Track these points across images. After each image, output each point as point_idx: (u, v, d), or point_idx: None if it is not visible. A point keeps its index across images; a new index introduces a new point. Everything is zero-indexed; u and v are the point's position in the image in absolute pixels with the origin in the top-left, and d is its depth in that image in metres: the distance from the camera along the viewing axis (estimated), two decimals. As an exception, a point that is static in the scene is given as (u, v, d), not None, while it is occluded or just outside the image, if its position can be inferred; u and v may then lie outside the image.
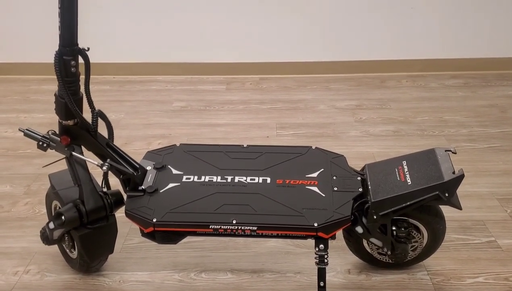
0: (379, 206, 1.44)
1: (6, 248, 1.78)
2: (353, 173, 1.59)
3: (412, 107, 2.82)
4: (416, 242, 1.55)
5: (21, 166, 2.28)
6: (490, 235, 1.80)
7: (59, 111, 1.44)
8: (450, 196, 1.42)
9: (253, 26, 3.21)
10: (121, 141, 2.40)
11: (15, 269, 1.68)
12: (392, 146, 2.42)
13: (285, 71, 3.28)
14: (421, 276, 1.62)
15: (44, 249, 1.70)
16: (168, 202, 1.49)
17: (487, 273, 1.64)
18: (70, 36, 1.34)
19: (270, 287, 1.60)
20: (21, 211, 1.97)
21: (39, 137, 1.49)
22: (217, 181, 1.57)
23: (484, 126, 2.60)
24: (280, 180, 1.57)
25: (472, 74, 3.22)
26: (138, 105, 2.90)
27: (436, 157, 1.51)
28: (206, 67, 3.27)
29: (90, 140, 1.49)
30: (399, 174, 1.50)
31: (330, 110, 2.82)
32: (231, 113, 2.80)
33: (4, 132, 2.59)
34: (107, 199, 1.52)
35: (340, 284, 1.60)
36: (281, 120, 2.70)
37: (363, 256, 1.63)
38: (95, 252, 1.55)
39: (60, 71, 1.36)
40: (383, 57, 3.24)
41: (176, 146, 1.73)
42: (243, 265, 1.69)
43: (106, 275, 1.65)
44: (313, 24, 3.20)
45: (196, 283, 1.62)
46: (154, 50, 3.25)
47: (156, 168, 1.62)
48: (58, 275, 1.65)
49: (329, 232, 1.43)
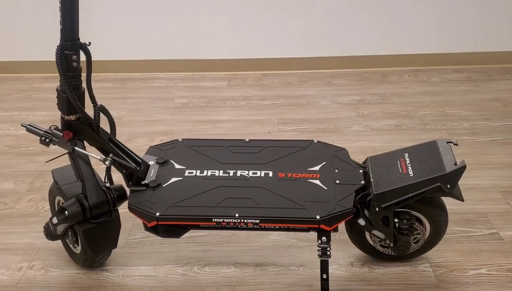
0: (381, 198, 1.44)
1: (10, 244, 1.79)
2: (355, 166, 1.59)
3: (414, 101, 2.82)
4: (418, 234, 1.55)
5: (24, 163, 2.29)
6: (493, 227, 1.80)
7: (61, 106, 1.45)
8: (452, 188, 1.42)
9: (254, 22, 3.21)
10: (123, 138, 2.40)
11: (19, 265, 1.69)
12: (394, 140, 2.42)
13: (287, 67, 3.27)
14: (424, 268, 1.62)
15: (48, 245, 1.71)
16: (171, 196, 1.50)
17: (490, 265, 1.64)
18: (71, 30, 1.35)
19: (273, 280, 1.60)
20: (25, 208, 1.98)
21: (42, 133, 1.49)
22: (219, 175, 1.57)
23: (487, 120, 2.60)
24: (282, 173, 1.57)
25: (474, 68, 3.21)
26: (140, 102, 2.90)
27: (438, 149, 1.51)
28: (208, 64, 3.28)
29: (93, 135, 1.49)
30: (401, 166, 1.50)
31: (332, 105, 2.82)
32: (233, 109, 2.80)
33: (6, 130, 2.60)
34: (110, 193, 1.52)
35: (343, 277, 1.61)
36: (283, 116, 2.70)
37: (365, 249, 1.63)
38: (99, 246, 1.56)
39: (62, 66, 1.36)
40: (385, 52, 3.24)
41: (178, 141, 1.74)
42: (246, 258, 1.69)
43: (109, 270, 1.66)
44: (315, 19, 3.20)
45: (200, 277, 1.62)
46: (155, 47, 3.25)
47: (158, 162, 1.62)
48: (62, 270, 1.66)
49: (332, 225, 1.43)
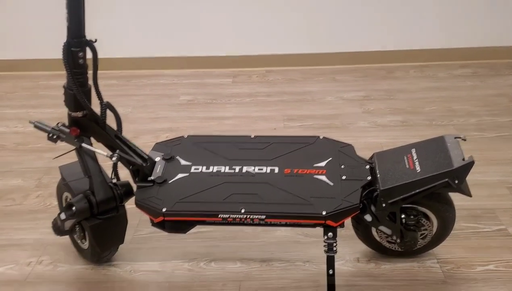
0: (388, 193, 1.44)
1: (19, 239, 1.80)
2: (362, 162, 1.59)
3: (420, 97, 2.81)
4: (425, 230, 1.55)
5: (32, 160, 2.30)
6: (500, 223, 1.79)
7: (68, 103, 1.46)
8: (459, 183, 1.41)
9: (258, 18, 3.20)
10: (129, 135, 2.37)
11: (28, 260, 1.70)
12: (400, 136, 2.41)
13: (292, 63, 3.27)
14: (431, 264, 1.62)
15: (56, 240, 1.72)
16: (177, 192, 1.50)
17: (498, 261, 1.63)
18: (78, 27, 1.35)
19: (280, 275, 1.61)
20: (33, 204, 1.99)
21: (49, 129, 1.50)
22: (225, 171, 1.57)
23: (493, 115, 2.58)
24: (288, 169, 1.57)
25: (480, 63, 3.19)
26: (145, 100, 2.91)
27: (445, 144, 1.50)
28: (213, 61, 3.28)
29: (99, 131, 1.50)
30: (408, 162, 1.50)
31: (337, 101, 2.81)
32: (238, 106, 2.80)
33: (14, 128, 2.62)
34: (117, 189, 1.53)
35: (349, 273, 1.61)
36: (288, 113, 2.70)
37: (372, 245, 1.63)
38: (106, 242, 1.57)
39: (68, 63, 1.37)
40: (390, 48, 3.22)
41: (184, 138, 1.74)
42: (253, 254, 1.69)
43: (117, 265, 1.66)
44: (319, 15, 3.19)
45: (206, 272, 1.63)
46: (160, 44, 3.25)
47: (164, 159, 1.63)
48: (70, 265, 1.68)
49: (338, 220, 1.43)
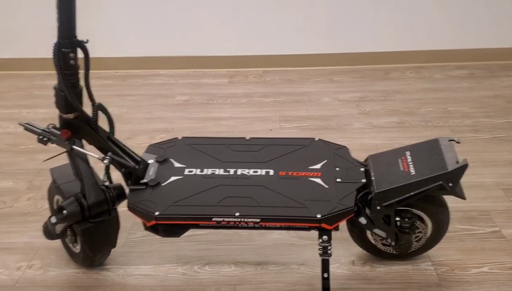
0: (383, 196, 1.43)
1: (9, 243, 1.78)
2: (357, 164, 1.58)
3: (416, 98, 2.80)
4: (420, 233, 1.54)
5: (23, 161, 2.28)
6: (495, 225, 1.79)
7: (59, 104, 1.44)
8: (454, 186, 1.41)
9: (255, 18, 3.19)
10: (124, 135, 2.38)
11: (18, 264, 1.68)
12: (396, 138, 2.40)
13: (288, 64, 3.26)
14: (426, 267, 1.61)
15: (47, 244, 1.70)
16: (170, 195, 1.49)
17: (492, 263, 1.63)
18: (68, 28, 1.33)
19: (274, 279, 1.59)
20: (24, 206, 1.97)
21: (39, 132, 1.48)
22: (219, 173, 1.56)
23: (489, 117, 2.57)
24: (283, 172, 1.56)
25: (477, 64, 3.19)
26: (141, 100, 2.89)
27: (439, 147, 1.50)
28: (209, 61, 3.26)
29: (91, 133, 1.48)
30: (403, 164, 1.49)
31: (334, 102, 2.80)
32: (234, 106, 2.79)
33: (6, 128, 2.60)
34: (109, 192, 1.51)
35: (344, 276, 1.60)
36: (285, 113, 2.69)
37: (367, 247, 1.62)
38: (98, 246, 1.55)
39: (59, 64, 1.35)
40: (386, 49, 3.21)
41: (178, 139, 1.73)
42: (247, 257, 1.68)
43: (109, 269, 1.65)
44: (316, 16, 3.18)
45: (200, 276, 1.61)
46: (156, 44, 3.24)
47: (158, 161, 1.61)
48: (61, 269, 1.66)
49: (333, 223, 1.42)
